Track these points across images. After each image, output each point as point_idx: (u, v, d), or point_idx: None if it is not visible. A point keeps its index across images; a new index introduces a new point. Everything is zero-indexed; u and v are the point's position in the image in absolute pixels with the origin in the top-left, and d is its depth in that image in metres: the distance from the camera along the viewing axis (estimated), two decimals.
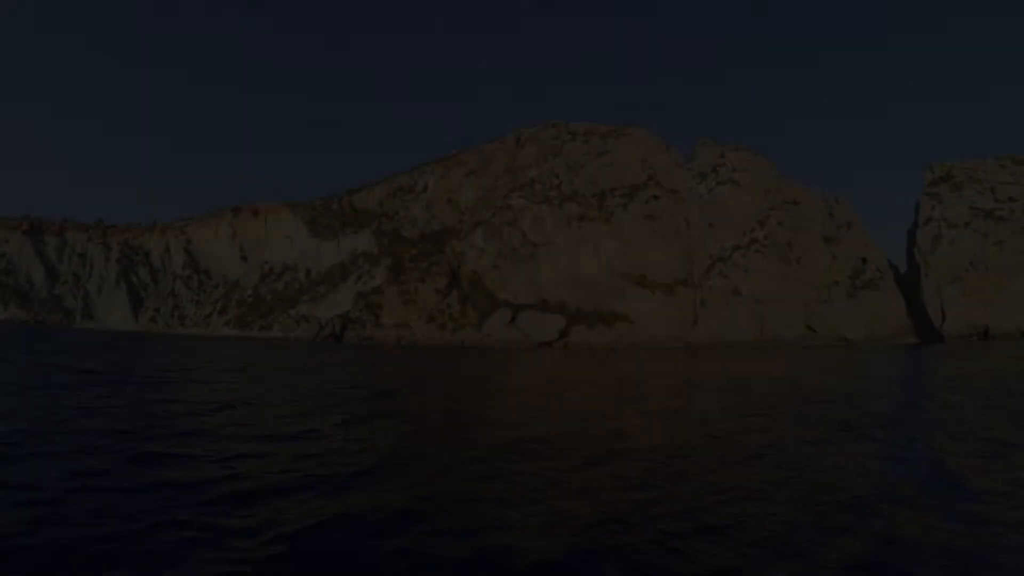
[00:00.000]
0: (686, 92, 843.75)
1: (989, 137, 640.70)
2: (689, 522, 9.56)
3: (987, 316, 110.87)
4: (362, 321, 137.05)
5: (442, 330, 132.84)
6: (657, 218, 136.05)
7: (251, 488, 10.89)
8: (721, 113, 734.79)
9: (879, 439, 17.33)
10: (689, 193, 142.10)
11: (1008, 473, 13.12)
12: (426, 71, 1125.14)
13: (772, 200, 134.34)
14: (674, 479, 12.59)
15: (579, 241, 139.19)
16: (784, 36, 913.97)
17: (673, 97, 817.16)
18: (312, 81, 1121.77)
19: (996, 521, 9.70)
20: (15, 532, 8.12)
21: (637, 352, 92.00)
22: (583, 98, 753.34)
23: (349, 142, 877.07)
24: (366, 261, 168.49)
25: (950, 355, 59.90)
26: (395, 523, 9.26)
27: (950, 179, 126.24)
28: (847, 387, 34.00)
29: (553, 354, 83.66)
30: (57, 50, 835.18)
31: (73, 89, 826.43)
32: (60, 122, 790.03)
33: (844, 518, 9.87)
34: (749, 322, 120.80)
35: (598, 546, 8.54)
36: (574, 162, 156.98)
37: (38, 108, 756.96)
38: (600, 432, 18.33)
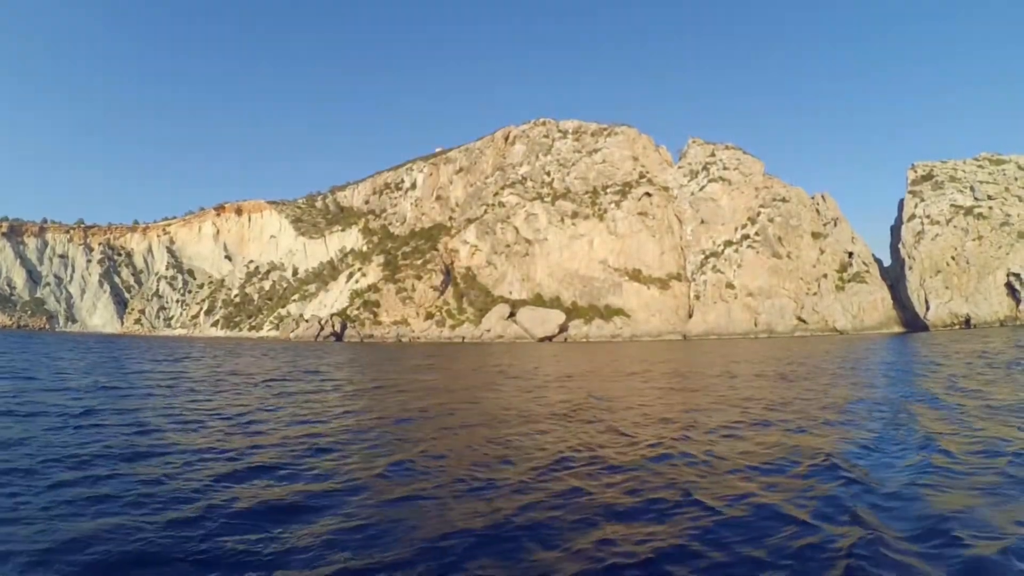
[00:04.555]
0: (667, 91, 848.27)
1: (967, 137, 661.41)
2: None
3: (968, 306, 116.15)
4: (361, 319, 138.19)
5: (441, 327, 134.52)
6: (650, 215, 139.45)
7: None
8: (705, 112, 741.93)
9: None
10: (681, 190, 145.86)
11: None
12: (409, 69, 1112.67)
13: (762, 197, 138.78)
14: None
15: (573, 237, 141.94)
16: (769, 35, 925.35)
17: (655, 96, 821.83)
18: (294, 79, 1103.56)
19: None
20: None
21: (654, 346, 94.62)
22: (567, 96, 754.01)
23: (330, 139, 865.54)
24: (356, 259, 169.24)
25: (934, 341, 64.65)
26: None
27: (931, 178, 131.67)
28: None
29: (571, 349, 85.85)
30: (36, 52, 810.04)
31: (51, 90, 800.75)
32: (37, 123, 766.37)
33: None
34: (743, 314, 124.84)
35: None
36: (565, 160, 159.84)
37: (15, 109, 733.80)
38: None
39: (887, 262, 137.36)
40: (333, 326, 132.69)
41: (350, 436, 15.58)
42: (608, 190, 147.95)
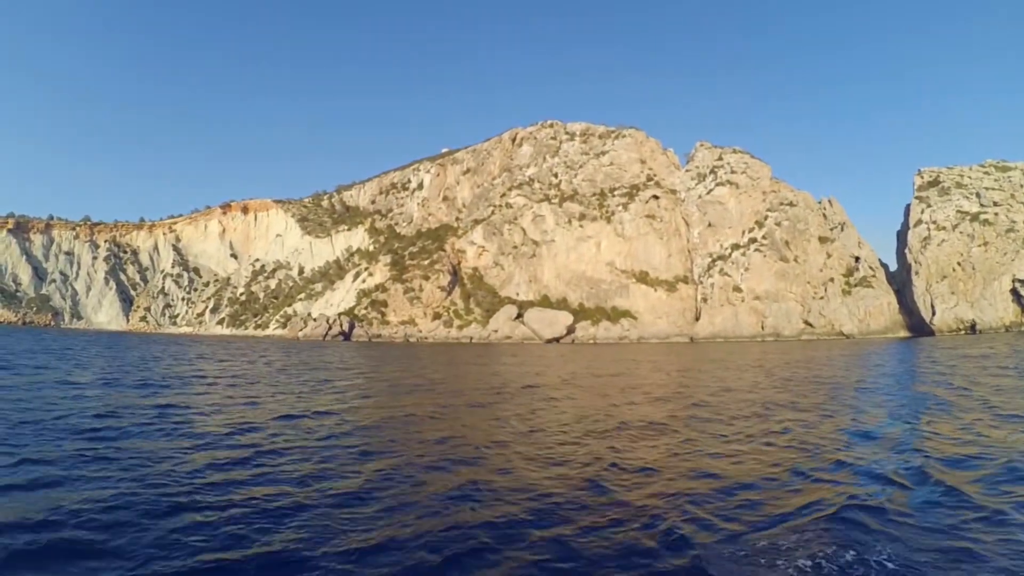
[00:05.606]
0: (674, 94, 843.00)
1: (973, 143, 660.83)
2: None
3: (974, 312, 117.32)
4: (369, 319, 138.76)
5: (448, 327, 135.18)
6: (657, 217, 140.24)
7: None
8: (713, 116, 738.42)
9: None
10: (688, 193, 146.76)
11: None
12: (415, 70, 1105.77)
13: (769, 201, 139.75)
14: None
15: (580, 239, 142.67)
16: (775, 38, 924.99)
17: (662, 99, 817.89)
18: (299, 78, 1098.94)
19: None
20: None
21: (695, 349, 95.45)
22: (574, 98, 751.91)
23: (336, 139, 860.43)
24: (363, 258, 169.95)
25: (939, 345, 66.38)
26: None
27: (938, 184, 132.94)
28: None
29: (582, 350, 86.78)
30: (42, 49, 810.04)
31: (57, 87, 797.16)
32: (43, 120, 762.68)
33: None
34: (749, 318, 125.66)
35: None
36: (572, 162, 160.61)
37: (22, 106, 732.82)
38: None
39: (893, 267, 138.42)
40: (341, 325, 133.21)
41: (443, 425, 17.51)
42: (615, 192, 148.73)
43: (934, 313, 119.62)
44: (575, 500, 9.99)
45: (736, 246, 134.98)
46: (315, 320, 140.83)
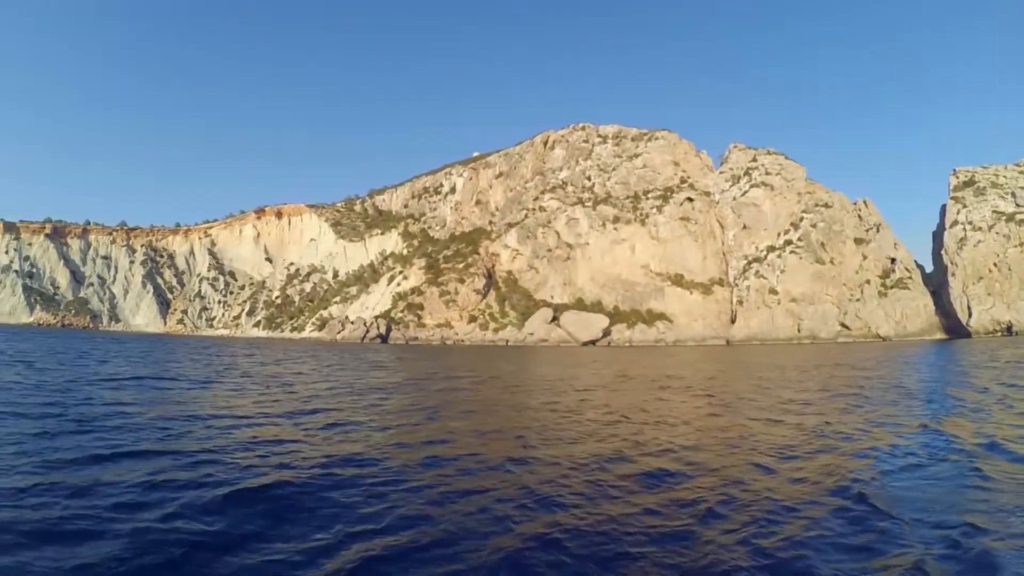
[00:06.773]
0: (705, 96, 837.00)
1: (1008, 142, 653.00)
2: None
3: (1010, 313, 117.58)
4: (405, 322, 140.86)
5: (484, 330, 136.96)
6: (692, 220, 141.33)
7: None
8: (743, 116, 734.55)
9: None
10: (722, 196, 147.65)
11: None
12: (446, 73, 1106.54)
13: (804, 203, 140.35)
14: None
15: (615, 242, 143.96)
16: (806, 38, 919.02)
17: (693, 101, 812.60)
18: (332, 83, 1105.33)
19: None
20: None
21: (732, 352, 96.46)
22: (604, 101, 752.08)
23: (368, 144, 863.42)
24: (397, 262, 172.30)
25: (976, 347, 67.27)
26: None
27: (973, 184, 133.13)
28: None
29: (621, 353, 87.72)
30: (79, 57, 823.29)
31: (93, 94, 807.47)
32: (80, 126, 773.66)
33: None
34: (786, 320, 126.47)
35: None
36: (605, 164, 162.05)
37: (59, 112, 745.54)
38: None
39: (929, 268, 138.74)
40: (379, 328, 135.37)
41: (569, 415, 19.89)
42: (649, 195, 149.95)
43: (971, 315, 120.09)
44: (660, 471, 11.95)
45: (771, 248, 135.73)
46: (352, 323, 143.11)
